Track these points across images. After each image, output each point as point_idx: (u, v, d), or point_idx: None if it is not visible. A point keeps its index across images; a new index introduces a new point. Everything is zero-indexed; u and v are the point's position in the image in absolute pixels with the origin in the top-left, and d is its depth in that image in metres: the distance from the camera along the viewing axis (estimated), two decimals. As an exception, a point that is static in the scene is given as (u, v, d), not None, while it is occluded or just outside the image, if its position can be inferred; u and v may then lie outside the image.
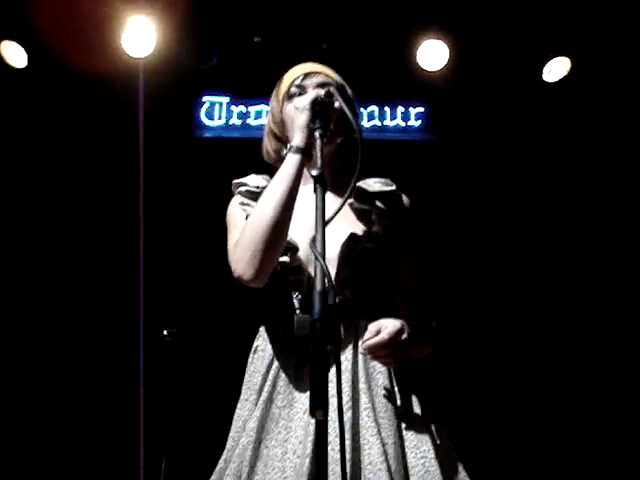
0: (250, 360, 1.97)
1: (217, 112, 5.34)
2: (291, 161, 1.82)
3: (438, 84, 5.14)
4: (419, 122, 5.38)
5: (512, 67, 5.13)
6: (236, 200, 2.06)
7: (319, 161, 1.66)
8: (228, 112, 5.34)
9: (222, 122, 5.33)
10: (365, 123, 5.13)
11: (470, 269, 5.28)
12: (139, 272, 4.78)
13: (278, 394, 1.82)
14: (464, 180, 5.39)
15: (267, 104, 5.05)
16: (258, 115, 5.33)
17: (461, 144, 5.39)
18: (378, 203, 2.05)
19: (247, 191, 2.05)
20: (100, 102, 5.23)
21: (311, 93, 1.88)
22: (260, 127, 5.19)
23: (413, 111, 5.38)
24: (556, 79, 5.08)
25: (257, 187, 2.05)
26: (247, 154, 2.30)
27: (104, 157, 5.26)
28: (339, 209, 1.57)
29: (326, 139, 1.77)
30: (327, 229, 1.85)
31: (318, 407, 1.25)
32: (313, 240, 1.45)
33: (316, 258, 1.40)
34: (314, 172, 1.60)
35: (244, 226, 1.84)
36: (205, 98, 5.37)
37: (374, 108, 5.32)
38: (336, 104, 1.81)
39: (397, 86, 5.28)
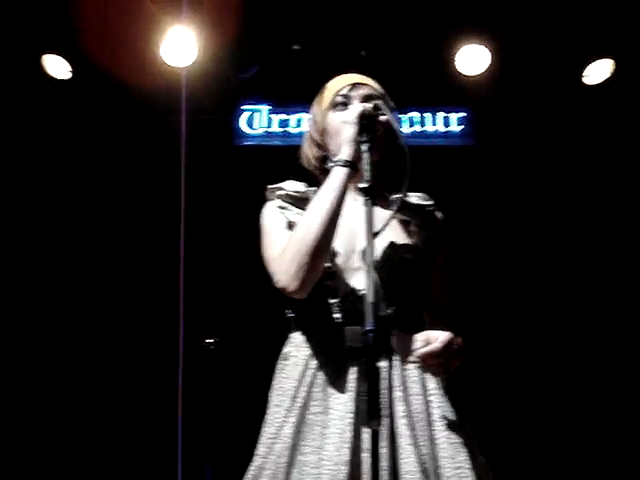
0: (280, 366, 1.97)
1: (257, 120, 5.37)
2: (338, 174, 1.83)
3: (479, 88, 5.11)
4: (460, 127, 5.34)
5: (554, 70, 5.08)
6: (273, 204, 2.06)
7: (367, 174, 1.67)
8: (268, 120, 5.36)
9: (262, 130, 5.35)
10: (406, 129, 5.10)
11: (511, 276, 5.24)
12: (179, 280, 4.83)
13: (313, 400, 1.82)
14: (506, 185, 5.34)
15: (307, 112, 5.12)
16: (298, 123, 5.34)
17: (503, 149, 5.35)
18: (417, 216, 2.06)
19: (286, 195, 2.05)
20: (142, 113, 5.29)
21: (358, 106, 1.88)
22: (300, 135, 5.16)
23: (454, 116, 5.35)
24: (598, 82, 5.02)
25: (297, 192, 2.06)
26: (287, 162, 2.30)
27: (146, 167, 5.32)
28: (387, 222, 1.58)
29: (372, 152, 1.77)
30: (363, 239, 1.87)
31: (373, 418, 1.25)
32: (364, 253, 1.45)
33: (368, 271, 1.40)
34: (362, 184, 1.62)
35: (290, 238, 1.84)
36: (245, 107, 5.40)
37: (414, 114, 5.30)
38: (383, 118, 1.84)
39: (437, 91, 5.26)
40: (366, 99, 2.00)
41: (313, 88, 2.25)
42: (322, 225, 1.78)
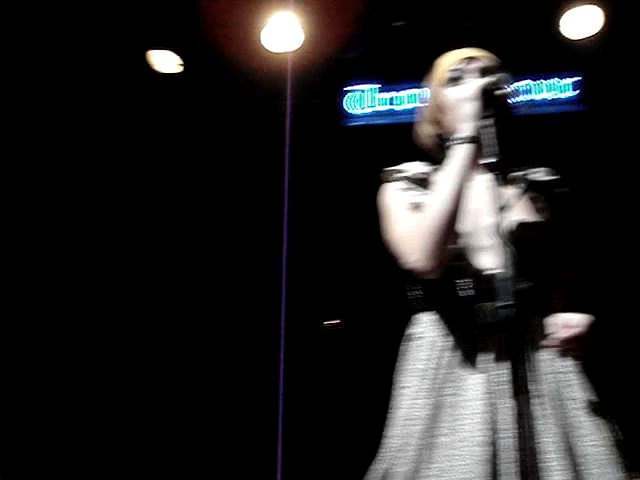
0: (407, 348, 1.95)
1: (364, 100, 5.37)
2: (461, 151, 1.80)
3: (590, 53, 4.95)
4: (571, 93, 5.20)
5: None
6: (395, 186, 2.04)
7: (491, 149, 1.65)
8: (375, 99, 5.35)
9: (370, 110, 5.35)
10: (519, 98, 5.01)
11: (630, 246, 5.06)
12: (282, 264, 4.90)
13: (445, 382, 1.81)
14: (621, 150, 5.16)
15: (413, 88, 5.12)
16: (405, 100, 5.31)
17: (616, 113, 5.16)
18: (544, 193, 2.02)
19: (408, 177, 2.04)
20: (249, 100, 5.38)
21: (477, 81, 1.85)
22: (408, 112, 5.19)
23: (565, 82, 5.20)
24: None
25: (420, 174, 2.04)
26: (396, 140, 2.29)
27: (254, 154, 5.40)
28: (515, 200, 1.55)
29: (496, 126, 1.74)
30: (490, 216, 1.85)
31: (518, 393, 1.24)
32: (496, 227, 1.44)
33: (502, 245, 1.39)
34: (488, 160, 1.60)
35: (418, 218, 1.83)
36: (352, 87, 5.41)
37: (525, 82, 5.18)
38: (502, 91, 1.80)
39: (547, 57, 5.12)
40: (482, 72, 1.96)
41: (419, 64, 2.23)
42: (449, 202, 1.77)
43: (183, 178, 5.50)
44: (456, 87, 1.99)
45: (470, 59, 2.04)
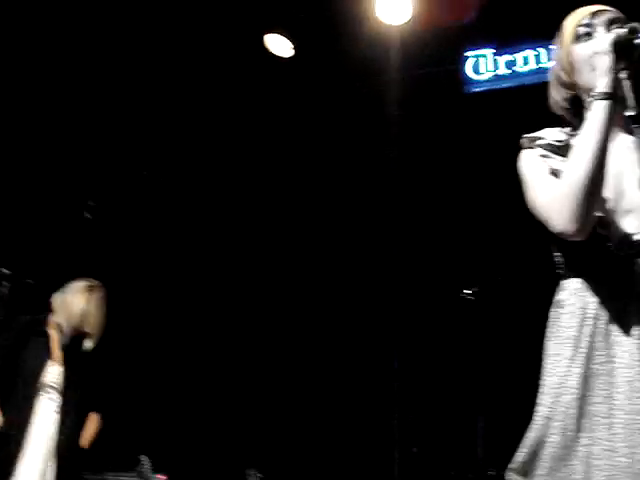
0: (555, 314, 1.90)
1: (484, 65, 5.27)
2: (600, 108, 1.73)
3: None
4: None
5: None
6: (534, 153, 1.99)
7: (631, 101, 1.61)
8: (495, 63, 5.24)
9: (490, 75, 5.24)
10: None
11: None
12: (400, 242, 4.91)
13: (597, 350, 1.76)
14: None
15: (532, 49, 4.96)
16: (525, 61, 5.16)
17: None
18: None
19: (548, 144, 1.99)
20: (361, 76, 5.36)
21: (610, 33, 1.77)
22: (529, 73, 5.06)
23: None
24: None
25: (559, 141, 1.98)
26: (520, 103, 2.24)
27: (370, 130, 5.40)
28: None
29: (633, 79, 1.67)
30: (634, 178, 1.78)
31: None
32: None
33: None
34: (629, 112, 1.54)
35: (563, 181, 1.78)
36: (469, 53, 5.32)
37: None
38: (638, 41, 1.71)
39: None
40: (612, 24, 1.87)
41: (535, 23, 2.18)
42: (593, 161, 1.71)
43: (300, 157, 5.56)
44: (587, 42, 1.92)
45: (598, 12, 1.96)
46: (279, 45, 5.27)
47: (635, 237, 1.77)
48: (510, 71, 5.20)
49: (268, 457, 4.88)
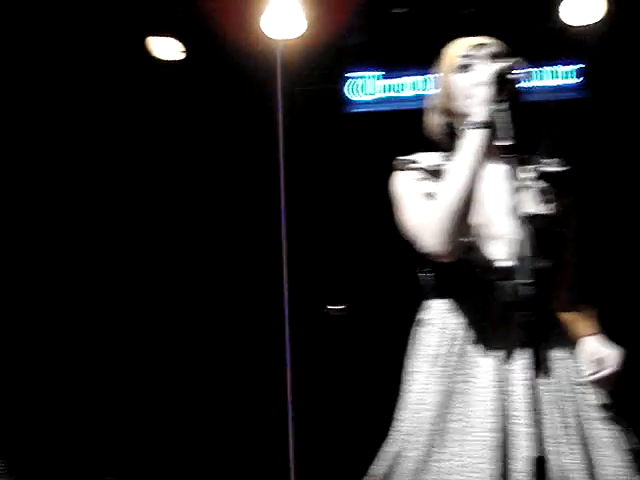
0: (418, 333, 1.96)
1: (366, 87, 5.37)
2: (476, 136, 1.79)
3: (592, 40, 4.95)
4: (573, 80, 5.20)
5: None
6: (409, 175, 2.03)
7: (507, 132, 1.65)
8: (377, 86, 5.35)
9: (372, 97, 5.35)
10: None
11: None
12: (282, 250, 4.92)
13: (455, 369, 1.82)
14: (623, 138, 5.17)
15: (415, 75, 5.10)
16: (407, 87, 5.31)
17: (618, 101, 5.17)
18: (555, 184, 2.02)
19: (421, 168, 2.04)
20: (248, 87, 5.36)
21: (493, 66, 1.83)
22: (410, 99, 5.20)
23: (567, 69, 5.21)
24: None
25: (432, 165, 2.04)
26: (399, 127, 2.29)
27: (254, 140, 5.39)
28: (528, 186, 1.55)
29: (511, 111, 1.74)
30: (502, 206, 1.85)
31: (539, 369, 1.26)
32: (512, 209, 1.44)
33: (518, 225, 1.40)
34: (504, 142, 1.60)
35: (435, 204, 1.83)
36: (354, 74, 5.40)
37: (530, 69, 5.18)
38: (517, 76, 1.78)
39: (549, 45, 5.11)
40: (493, 58, 1.94)
41: (420, 51, 2.24)
42: (466, 186, 1.76)
43: (180, 166, 5.49)
44: (468, 73, 1.98)
45: (480, 45, 2.03)
46: (164, 48, 5.19)
47: (501, 263, 1.84)
48: (390, 95, 5.33)
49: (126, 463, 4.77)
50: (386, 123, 5.09)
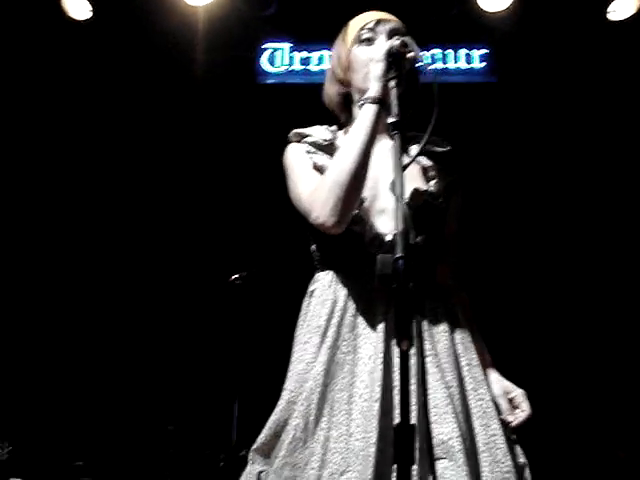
0: (306, 304, 2.02)
1: (279, 58, 5.36)
2: (368, 111, 1.84)
3: (501, 25, 5.07)
4: (482, 64, 5.31)
5: (576, 5, 5.00)
6: (300, 148, 2.06)
7: (395, 109, 1.68)
8: (290, 58, 5.35)
9: (284, 68, 5.35)
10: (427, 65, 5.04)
11: (530, 225, 5.23)
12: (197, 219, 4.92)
13: (342, 340, 1.87)
14: (527, 123, 5.32)
15: (328, 49, 5.11)
16: (320, 60, 5.33)
17: (524, 86, 5.31)
18: (437, 161, 2.09)
19: (313, 142, 2.06)
20: (162, 52, 5.28)
21: (386, 43, 1.87)
22: (322, 72, 5.19)
23: (476, 53, 5.32)
24: (622, 18, 4.94)
25: (324, 139, 2.07)
26: (309, 99, 2.31)
27: (165, 106, 5.33)
28: (415, 157, 1.60)
29: (401, 88, 1.78)
30: (389, 181, 1.90)
31: (403, 338, 1.29)
32: (393, 184, 1.48)
33: (397, 200, 1.43)
34: (391, 119, 1.63)
35: (326, 175, 1.86)
36: (267, 45, 5.39)
37: (437, 51, 5.26)
38: (410, 54, 1.83)
39: (460, 28, 5.21)
40: (392, 34, 1.99)
41: (333, 25, 2.24)
42: (357, 159, 1.81)
43: (93, 126, 5.38)
44: (367, 47, 2.02)
45: (381, 21, 2.07)
46: (77, 7, 5.06)
47: (386, 237, 1.89)
48: (303, 68, 5.33)
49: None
50: (297, 95, 5.09)
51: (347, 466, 1.73)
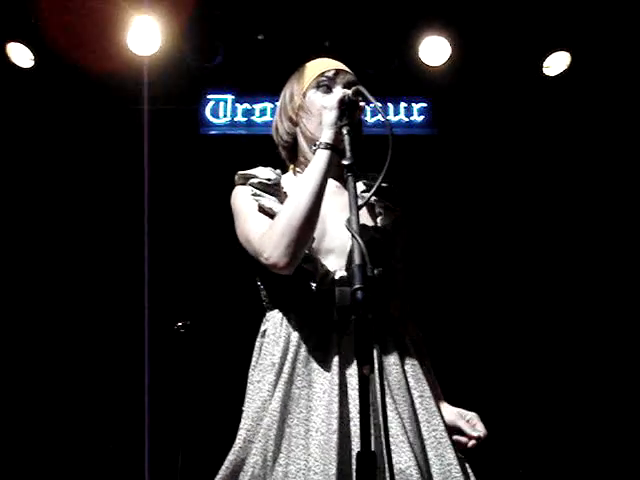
0: (259, 344, 2.03)
1: (222, 110, 5.40)
2: (322, 156, 1.91)
3: (440, 79, 5.21)
4: (422, 117, 5.44)
5: (513, 61, 5.20)
6: (246, 190, 2.09)
7: (349, 153, 1.77)
8: (233, 109, 5.40)
9: (227, 119, 5.39)
10: (368, 119, 5.16)
11: (470, 264, 5.34)
12: (144, 267, 4.87)
13: (297, 376, 1.88)
14: (466, 174, 5.46)
15: (271, 102, 5.18)
16: (263, 112, 5.39)
17: (463, 138, 5.46)
18: (383, 198, 2.15)
19: (259, 183, 2.10)
20: (105, 101, 5.31)
21: (339, 92, 1.96)
22: (265, 124, 5.28)
23: (416, 106, 5.45)
24: (556, 73, 5.14)
25: (268, 179, 2.11)
26: (252, 151, 2.35)
27: (109, 156, 5.32)
28: (370, 197, 1.66)
29: (353, 134, 1.86)
30: (337, 221, 1.94)
31: (364, 364, 1.31)
32: (349, 221, 1.52)
33: (353, 236, 1.47)
34: (345, 162, 1.70)
35: (279, 216, 1.89)
36: (210, 96, 5.43)
37: (379, 103, 5.34)
38: (361, 103, 1.93)
39: (399, 82, 5.34)
40: (348, 87, 2.05)
41: (278, 78, 2.31)
42: (309, 202, 1.85)
43: (37, 177, 5.32)
44: (322, 95, 2.09)
45: (339, 72, 2.14)
46: (20, 55, 5.04)
47: (335, 274, 1.92)
48: (246, 119, 5.38)
49: None
50: (240, 146, 5.14)
51: (307, 501, 1.73)
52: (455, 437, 1.95)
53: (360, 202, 1.63)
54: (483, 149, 5.43)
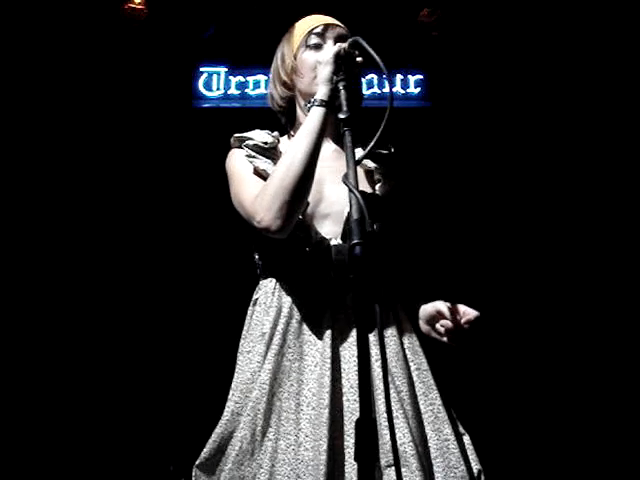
0: (250, 312, 1.98)
1: (215, 82, 5.33)
2: (316, 114, 1.83)
3: (436, 51, 5.15)
4: (417, 89, 5.38)
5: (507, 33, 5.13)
6: (240, 153, 2.03)
7: (345, 107, 1.68)
8: (227, 82, 5.33)
9: (221, 92, 5.32)
10: (364, 91, 5.08)
11: (464, 239, 5.28)
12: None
13: (288, 347, 1.84)
14: (461, 146, 5.39)
15: (265, 74, 5.10)
16: (257, 85, 5.32)
17: (458, 110, 5.39)
18: (380, 164, 2.09)
19: (254, 145, 2.04)
20: (98, 74, 5.20)
21: (334, 46, 1.88)
22: (259, 97, 5.21)
23: (412, 78, 5.38)
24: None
25: (265, 142, 2.04)
26: (246, 124, 2.28)
27: (100, 130, 5.23)
28: (368, 151, 1.57)
29: (350, 89, 1.77)
30: (335, 186, 1.87)
31: (365, 325, 1.25)
32: (346, 176, 1.45)
33: (350, 190, 1.40)
34: (342, 115, 1.63)
35: (271, 177, 1.82)
36: (203, 69, 5.36)
37: (373, 76, 5.28)
38: (358, 58, 1.84)
39: (396, 54, 5.25)
40: (340, 41, 1.97)
41: (271, 50, 2.25)
42: (303, 162, 1.78)
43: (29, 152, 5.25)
44: (315, 51, 2.01)
45: (329, 26, 2.07)
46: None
47: (330, 242, 1.86)
48: (240, 92, 5.31)
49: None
50: (234, 119, 5.07)
51: (296, 477, 1.70)
52: (442, 322, 1.85)
53: (358, 157, 1.54)
54: (480, 122, 5.36)
